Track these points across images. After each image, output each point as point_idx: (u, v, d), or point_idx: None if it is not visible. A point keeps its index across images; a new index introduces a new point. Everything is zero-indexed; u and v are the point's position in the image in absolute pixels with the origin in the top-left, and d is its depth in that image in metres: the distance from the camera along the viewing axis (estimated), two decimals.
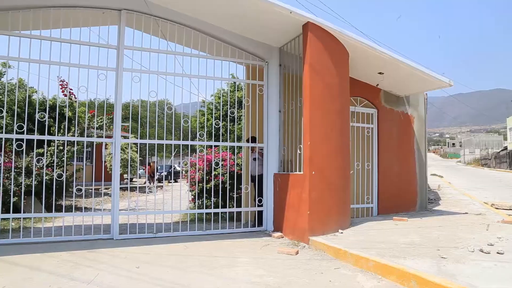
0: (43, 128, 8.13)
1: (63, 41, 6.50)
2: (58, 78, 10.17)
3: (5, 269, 4.74)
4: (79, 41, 6.57)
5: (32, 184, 8.09)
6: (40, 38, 6.45)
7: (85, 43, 6.63)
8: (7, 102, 8.11)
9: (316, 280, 4.40)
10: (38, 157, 8.29)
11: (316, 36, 6.61)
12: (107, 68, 6.68)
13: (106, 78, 6.61)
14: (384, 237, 6.15)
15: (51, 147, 11.16)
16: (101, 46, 6.78)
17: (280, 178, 7.29)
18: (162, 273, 4.65)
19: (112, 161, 17.90)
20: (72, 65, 6.56)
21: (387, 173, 9.29)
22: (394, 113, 9.64)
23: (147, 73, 6.82)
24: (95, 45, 6.71)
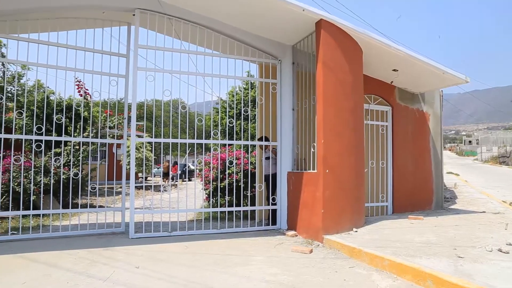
0: (60, 128, 8.27)
1: (78, 48, 6.93)
2: (75, 79, 10.38)
3: (25, 266, 4.85)
4: (93, 49, 7.03)
5: (49, 183, 8.24)
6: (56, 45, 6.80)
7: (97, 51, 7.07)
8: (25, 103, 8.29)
9: (331, 279, 4.37)
10: (56, 157, 8.45)
11: (329, 34, 6.57)
12: (118, 75, 7.19)
13: (117, 84, 7.12)
14: (399, 236, 6.08)
15: (68, 146, 11.33)
16: (113, 54, 7.21)
17: (293, 177, 7.28)
18: (177, 271, 4.69)
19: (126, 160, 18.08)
20: (87, 71, 7.05)
21: (402, 171, 9.19)
22: (409, 111, 9.53)
23: (161, 72, 6.85)
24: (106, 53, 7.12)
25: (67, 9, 6.74)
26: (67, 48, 6.85)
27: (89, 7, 6.79)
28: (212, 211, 7.20)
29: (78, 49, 6.93)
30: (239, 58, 7.48)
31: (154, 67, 6.86)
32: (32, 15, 6.66)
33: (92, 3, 6.75)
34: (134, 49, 6.51)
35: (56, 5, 6.59)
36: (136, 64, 6.60)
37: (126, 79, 7.44)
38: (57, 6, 6.61)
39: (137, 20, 6.66)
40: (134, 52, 6.55)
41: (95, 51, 7.04)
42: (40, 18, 6.71)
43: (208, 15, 7.00)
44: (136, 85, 6.64)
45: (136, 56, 6.59)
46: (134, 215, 6.69)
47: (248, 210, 7.63)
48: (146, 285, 4.15)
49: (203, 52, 7.15)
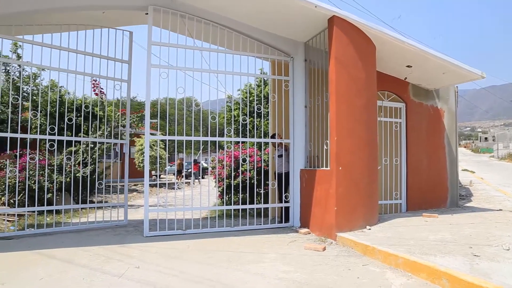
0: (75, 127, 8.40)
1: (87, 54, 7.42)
2: (92, 79, 10.57)
3: (42, 262, 4.94)
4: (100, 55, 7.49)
5: (64, 181, 8.39)
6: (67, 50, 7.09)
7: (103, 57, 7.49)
8: (40, 103, 8.42)
9: (344, 277, 4.36)
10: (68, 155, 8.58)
11: (341, 30, 6.52)
12: (121, 80, 7.79)
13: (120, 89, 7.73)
14: (414, 234, 6.02)
15: (82, 145, 11.48)
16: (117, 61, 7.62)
17: (306, 174, 7.26)
18: (190, 268, 4.72)
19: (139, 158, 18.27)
20: (95, 75, 7.70)
21: (416, 169, 9.10)
22: (423, 107, 9.42)
23: (175, 69, 6.84)
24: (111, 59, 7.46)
25: (81, 9, 6.82)
26: (76, 54, 7.29)
27: (102, 7, 6.87)
28: (226, 209, 7.21)
29: (86, 54, 7.37)
30: (252, 55, 7.46)
31: (168, 64, 6.85)
32: (43, 17, 6.80)
33: (105, 3, 6.83)
34: (148, 46, 6.49)
35: (70, 5, 6.68)
36: (150, 61, 6.59)
37: (128, 84, 8.11)
38: (71, 6, 6.70)
39: (150, 17, 6.63)
40: (148, 49, 6.53)
41: (101, 56, 7.54)
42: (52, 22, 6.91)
43: (220, 12, 7.02)
44: (149, 82, 6.60)
45: (150, 53, 6.58)
46: (149, 213, 6.70)
47: (262, 208, 7.62)
48: (161, 282, 4.19)
49: (216, 49, 7.15)
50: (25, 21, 6.75)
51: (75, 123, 7.61)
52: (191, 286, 4.07)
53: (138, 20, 7.70)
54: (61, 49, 7.05)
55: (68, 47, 7.12)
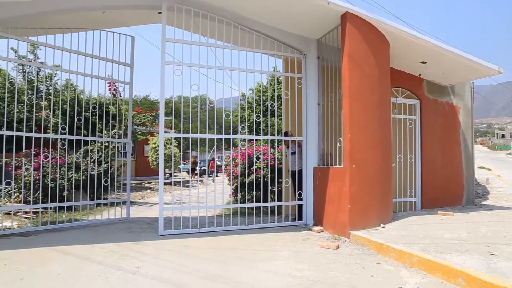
0: (90, 126, 8.52)
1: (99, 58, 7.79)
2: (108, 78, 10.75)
3: (58, 258, 5.03)
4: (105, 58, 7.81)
5: (74, 179, 8.53)
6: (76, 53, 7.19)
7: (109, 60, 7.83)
8: (56, 102, 8.57)
9: (358, 275, 4.33)
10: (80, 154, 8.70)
11: (354, 27, 6.46)
12: (124, 82, 8.11)
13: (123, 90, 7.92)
14: (428, 232, 5.95)
15: (98, 143, 11.62)
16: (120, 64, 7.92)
17: (319, 172, 7.23)
18: (204, 265, 4.75)
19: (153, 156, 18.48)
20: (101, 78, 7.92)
21: (431, 166, 8.98)
22: (438, 104, 9.29)
23: (188, 66, 6.76)
24: (115, 62, 6.99)
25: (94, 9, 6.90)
26: (85, 56, 7.62)
27: (116, 7, 6.93)
28: (240, 207, 7.19)
29: (93, 57, 7.71)
30: (264, 53, 7.42)
31: (182, 61, 6.78)
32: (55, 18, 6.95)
33: (119, 3, 6.89)
34: (162, 43, 6.43)
35: (86, 5, 6.76)
36: (164, 58, 6.53)
37: (130, 86, 8.56)
38: (87, 6, 6.78)
39: (164, 14, 6.57)
40: (162, 46, 6.49)
41: (107, 60, 7.92)
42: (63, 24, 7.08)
43: (234, 10, 6.98)
44: (164, 79, 6.51)
45: (164, 50, 6.51)
46: (163, 211, 6.69)
47: (276, 206, 7.60)
48: (175, 279, 4.22)
49: (230, 46, 7.08)
50: (38, 23, 6.87)
51: (91, 122, 7.74)
52: (204, 283, 4.09)
53: (149, 19, 7.76)
54: (71, 51, 7.33)
55: (77, 50, 7.38)
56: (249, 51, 7.21)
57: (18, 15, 6.49)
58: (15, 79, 9.45)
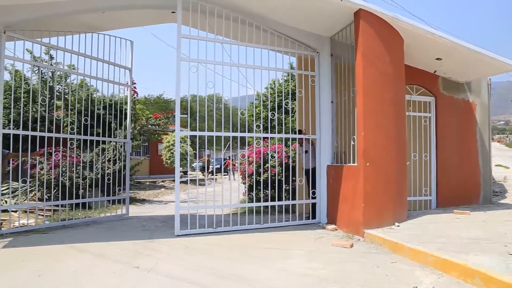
0: (104, 126, 8.64)
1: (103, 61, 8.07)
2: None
3: (75, 255, 5.12)
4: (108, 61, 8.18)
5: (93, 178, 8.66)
6: (84, 56, 7.11)
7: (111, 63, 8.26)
8: (71, 101, 8.73)
9: (372, 274, 4.30)
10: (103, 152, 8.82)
11: (368, 24, 6.40)
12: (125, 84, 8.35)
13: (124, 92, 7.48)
14: (444, 231, 5.87)
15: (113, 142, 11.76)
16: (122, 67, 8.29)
17: (333, 170, 7.19)
18: (218, 263, 4.77)
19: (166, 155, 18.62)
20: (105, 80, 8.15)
21: (446, 164, 8.85)
22: (454, 101, 9.14)
23: (204, 63, 6.66)
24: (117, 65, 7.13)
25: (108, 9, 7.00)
26: (91, 59, 7.89)
27: (129, 7, 7.00)
28: (255, 206, 7.14)
29: (99, 60, 8.00)
30: (279, 50, 7.30)
31: (198, 58, 6.62)
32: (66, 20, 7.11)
33: (133, 2, 6.95)
34: (177, 40, 6.36)
35: (102, 5, 6.84)
36: (180, 55, 6.42)
37: (130, 88, 8.95)
38: (100, 7, 6.87)
39: (179, 10, 6.44)
40: (177, 42, 6.40)
41: (109, 63, 8.22)
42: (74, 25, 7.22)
43: (249, 6, 6.92)
44: (179, 76, 6.41)
45: (179, 46, 6.41)
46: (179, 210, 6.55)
47: (290, 205, 7.57)
48: (189, 276, 4.25)
49: (245, 43, 6.97)
50: (49, 25, 7.03)
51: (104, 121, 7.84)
52: (218, 281, 4.11)
53: (162, 19, 7.82)
54: (79, 54, 7.62)
55: (85, 53, 7.66)
56: (264, 48, 7.14)
57: (31, 18, 6.63)
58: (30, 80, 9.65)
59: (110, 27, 8.21)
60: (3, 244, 5.69)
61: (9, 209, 6.89)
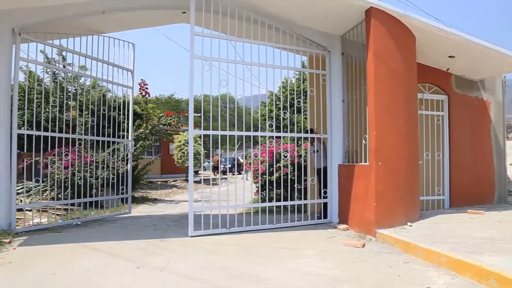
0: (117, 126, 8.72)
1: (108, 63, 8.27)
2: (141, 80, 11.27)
3: (88, 254, 5.18)
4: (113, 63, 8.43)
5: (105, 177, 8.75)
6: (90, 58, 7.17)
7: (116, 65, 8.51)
8: (84, 102, 8.86)
9: (384, 274, 4.27)
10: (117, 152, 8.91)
11: (379, 22, 6.35)
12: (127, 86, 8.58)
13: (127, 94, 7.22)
14: (458, 231, 5.80)
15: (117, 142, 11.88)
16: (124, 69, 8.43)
17: (344, 170, 7.15)
18: (230, 263, 4.78)
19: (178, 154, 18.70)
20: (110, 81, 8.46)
21: (460, 163, 8.74)
22: (467, 99, 9.02)
23: (217, 61, 6.57)
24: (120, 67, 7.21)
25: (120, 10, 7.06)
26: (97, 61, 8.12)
27: (141, 7, 7.04)
28: (268, 206, 7.07)
29: (104, 62, 8.18)
30: (290, 49, 7.21)
31: (211, 56, 6.52)
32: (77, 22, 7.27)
33: (144, 3, 6.99)
34: (191, 37, 6.28)
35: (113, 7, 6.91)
36: (193, 53, 6.30)
37: (132, 90, 9.06)
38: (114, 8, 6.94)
39: (192, 8, 6.31)
40: (191, 40, 6.30)
41: (114, 65, 8.44)
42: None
43: (256, 7, 6.89)
44: (193, 74, 6.29)
45: (193, 44, 6.28)
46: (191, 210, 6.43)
47: (302, 204, 7.54)
48: (201, 276, 4.27)
49: (257, 41, 6.87)
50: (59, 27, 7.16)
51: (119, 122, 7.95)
52: (230, 281, 4.12)
53: (173, 19, 7.86)
54: (87, 56, 7.81)
55: (92, 55, 7.85)
56: (276, 47, 7.09)
57: (43, 20, 6.74)
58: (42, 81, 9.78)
59: (119, 29, 8.33)
60: (18, 243, 5.78)
61: (23, 208, 7.00)
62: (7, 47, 6.45)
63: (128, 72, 8.86)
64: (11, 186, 6.43)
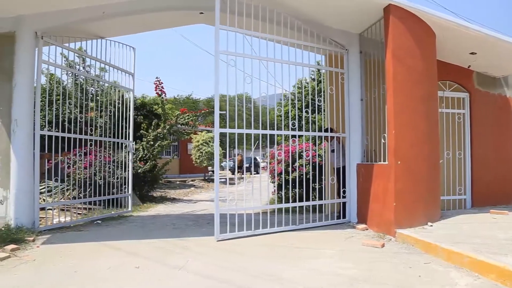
0: (137, 126, 8.84)
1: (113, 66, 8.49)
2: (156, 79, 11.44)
3: (108, 253, 5.28)
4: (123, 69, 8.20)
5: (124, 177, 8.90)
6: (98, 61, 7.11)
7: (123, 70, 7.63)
8: (103, 103, 9.01)
9: (404, 274, 4.21)
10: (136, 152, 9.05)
11: (398, 19, 6.26)
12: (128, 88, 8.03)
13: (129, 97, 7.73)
14: (480, 232, 5.68)
15: (143, 142, 12.04)
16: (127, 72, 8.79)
17: (363, 169, 7.08)
18: (248, 262, 4.79)
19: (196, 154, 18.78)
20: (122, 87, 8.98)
21: (482, 162, 8.54)
22: (490, 96, 8.81)
23: (242, 57, 6.42)
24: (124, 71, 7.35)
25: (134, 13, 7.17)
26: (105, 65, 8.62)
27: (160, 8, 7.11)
28: (291, 206, 6.94)
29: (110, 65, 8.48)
30: (311, 46, 7.05)
31: (235, 51, 6.35)
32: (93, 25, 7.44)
33: (161, 4, 7.05)
34: (216, 31, 6.11)
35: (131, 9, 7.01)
36: (218, 47, 6.09)
37: (132, 92, 9.22)
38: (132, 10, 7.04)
39: (217, 1, 6.05)
40: (216, 34, 6.10)
41: (118, 68, 8.65)
42: None
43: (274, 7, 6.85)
44: (218, 69, 6.07)
45: (218, 38, 6.09)
46: None
47: (322, 204, 7.47)
48: (219, 275, 4.29)
49: (280, 37, 6.72)
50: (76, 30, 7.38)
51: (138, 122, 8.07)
52: (249, 280, 4.12)
53: (190, 20, 7.92)
54: (97, 60, 8.16)
55: (101, 59, 8.11)
56: (299, 44, 6.96)
57: (61, 24, 6.89)
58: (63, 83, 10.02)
59: (136, 31, 8.45)
60: (42, 241, 5.92)
61: (45, 207, 7.17)
62: (31, 50, 6.63)
63: (129, 75, 9.05)
64: (34, 186, 6.59)
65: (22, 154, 6.47)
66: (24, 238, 5.77)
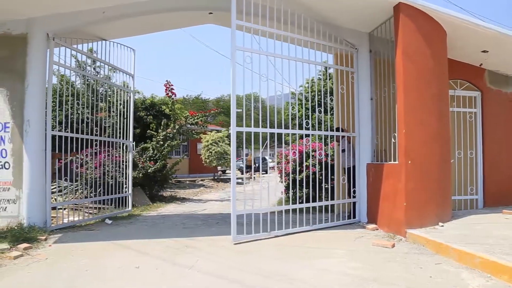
0: (146, 126, 8.90)
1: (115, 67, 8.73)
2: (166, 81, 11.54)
3: (119, 252, 5.33)
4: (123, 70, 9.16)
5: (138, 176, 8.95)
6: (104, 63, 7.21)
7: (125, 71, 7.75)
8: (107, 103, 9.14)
9: (415, 275, 4.18)
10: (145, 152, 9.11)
11: (408, 17, 6.20)
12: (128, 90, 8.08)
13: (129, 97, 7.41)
14: (492, 232, 5.60)
15: (153, 142, 12.12)
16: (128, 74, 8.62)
17: (373, 169, 7.04)
18: (259, 262, 4.80)
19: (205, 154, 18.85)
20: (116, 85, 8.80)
21: (494, 161, 8.43)
22: (502, 95, 8.70)
23: (258, 54, 6.28)
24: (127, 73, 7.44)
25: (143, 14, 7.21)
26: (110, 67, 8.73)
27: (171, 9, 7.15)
28: (305, 207, 6.89)
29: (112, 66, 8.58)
30: (323, 44, 6.99)
31: (251, 46, 6.20)
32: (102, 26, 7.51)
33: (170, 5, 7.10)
34: (232, 27, 6.02)
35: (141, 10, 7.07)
36: (235, 44, 6.00)
37: (132, 93, 9.37)
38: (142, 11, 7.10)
39: None
40: (232, 30, 6.01)
41: (120, 69, 8.72)
42: None
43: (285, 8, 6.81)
44: (234, 66, 6.00)
45: (234, 35, 6.00)
46: None
47: (333, 204, 7.43)
48: (229, 274, 4.30)
49: (295, 35, 6.59)
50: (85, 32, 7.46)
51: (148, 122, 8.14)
52: (259, 280, 4.13)
53: (199, 20, 7.96)
54: (101, 61, 8.41)
55: (105, 60, 8.25)
56: (312, 41, 6.82)
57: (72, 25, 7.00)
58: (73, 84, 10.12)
59: (145, 32, 8.54)
60: (53, 240, 5.99)
61: (57, 206, 7.24)
62: (43, 51, 6.72)
63: (130, 76, 9.14)
64: (46, 186, 6.67)
65: (34, 154, 6.56)
66: (37, 237, 5.85)
